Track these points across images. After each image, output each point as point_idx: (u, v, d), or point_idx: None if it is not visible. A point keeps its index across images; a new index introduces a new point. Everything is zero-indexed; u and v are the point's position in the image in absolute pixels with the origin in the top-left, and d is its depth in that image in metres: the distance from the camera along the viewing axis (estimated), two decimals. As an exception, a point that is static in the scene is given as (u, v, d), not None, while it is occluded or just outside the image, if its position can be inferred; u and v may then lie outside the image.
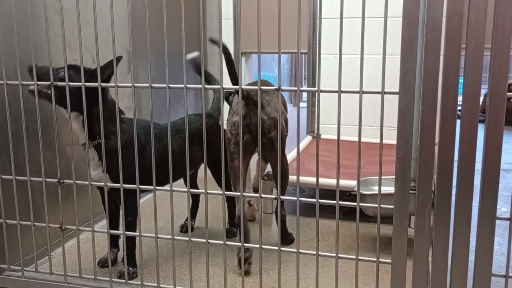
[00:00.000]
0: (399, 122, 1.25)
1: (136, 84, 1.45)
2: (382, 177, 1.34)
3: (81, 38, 1.47)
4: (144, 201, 2.71)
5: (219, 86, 1.41)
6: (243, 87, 1.50)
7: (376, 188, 2.21)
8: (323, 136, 3.55)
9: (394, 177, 1.29)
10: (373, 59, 3.41)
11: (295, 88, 1.35)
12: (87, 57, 2.22)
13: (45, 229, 1.64)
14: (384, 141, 1.32)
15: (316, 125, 1.69)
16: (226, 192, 1.49)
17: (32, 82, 1.54)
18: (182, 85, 1.42)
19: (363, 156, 1.43)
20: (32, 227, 1.65)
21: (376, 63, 3.40)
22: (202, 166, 1.78)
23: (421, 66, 1.23)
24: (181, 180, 2.10)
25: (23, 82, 1.55)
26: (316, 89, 1.33)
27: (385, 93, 1.27)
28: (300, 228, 1.55)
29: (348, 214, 2.54)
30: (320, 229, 2.35)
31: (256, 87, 1.38)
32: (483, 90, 1.33)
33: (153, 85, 1.44)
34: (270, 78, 6.42)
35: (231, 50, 1.67)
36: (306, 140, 3.59)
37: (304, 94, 5.85)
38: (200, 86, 1.43)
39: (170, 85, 1.43)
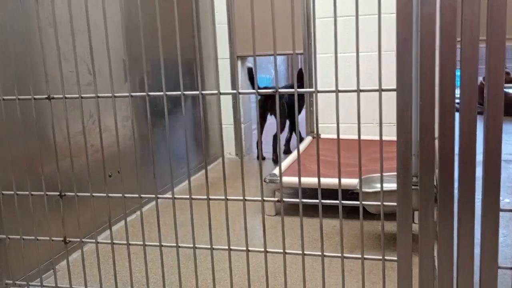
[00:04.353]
0: (398, 119, 1.25)
1: (132, 93, 1.45)
2: (384, 174, 1.34)
3: (75, 49, 1.47)
4: (145, 210, 2.70)
5: (216, 92, 1.41)
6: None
7: (378, 185, 2.21)
8: (322, 136, 3.55)
9: (395, 173, 1.29)
10: (369, 56, 3.41)
11: (293, 90, 1.36)
12: (83, 68, 2.21)
13: (48, 242, 1.63)
14: (384, 138, 1.32)
15: (315, 125, 1.69)
16: (228, 197, 1.48)
17: (29, 97, 1.54)
18: (179, 92, 1.42)
19: (364, 154, 1.43)
20: (36, 241, 1.65)
21: (372, 60, 3.40)
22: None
23: (417, 61, 1.22)
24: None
25: (20, 97, 1.55)
26: (313, 89, 1.33)
27: (383, 90, 1.26)
28: (304, 229, 1.54)
29: (351, 212, 2.53)
30: (324, 229, 2.34)
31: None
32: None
33: (149, 93, 1.44)
34: (267, 80, 6.41)
35: (227, 54, 1.67)
36: (306, 140, 3.59)
37: (302, 95, 5.85)
38: (197, 92, 1.43)
39: (167, 93, 1.42)
